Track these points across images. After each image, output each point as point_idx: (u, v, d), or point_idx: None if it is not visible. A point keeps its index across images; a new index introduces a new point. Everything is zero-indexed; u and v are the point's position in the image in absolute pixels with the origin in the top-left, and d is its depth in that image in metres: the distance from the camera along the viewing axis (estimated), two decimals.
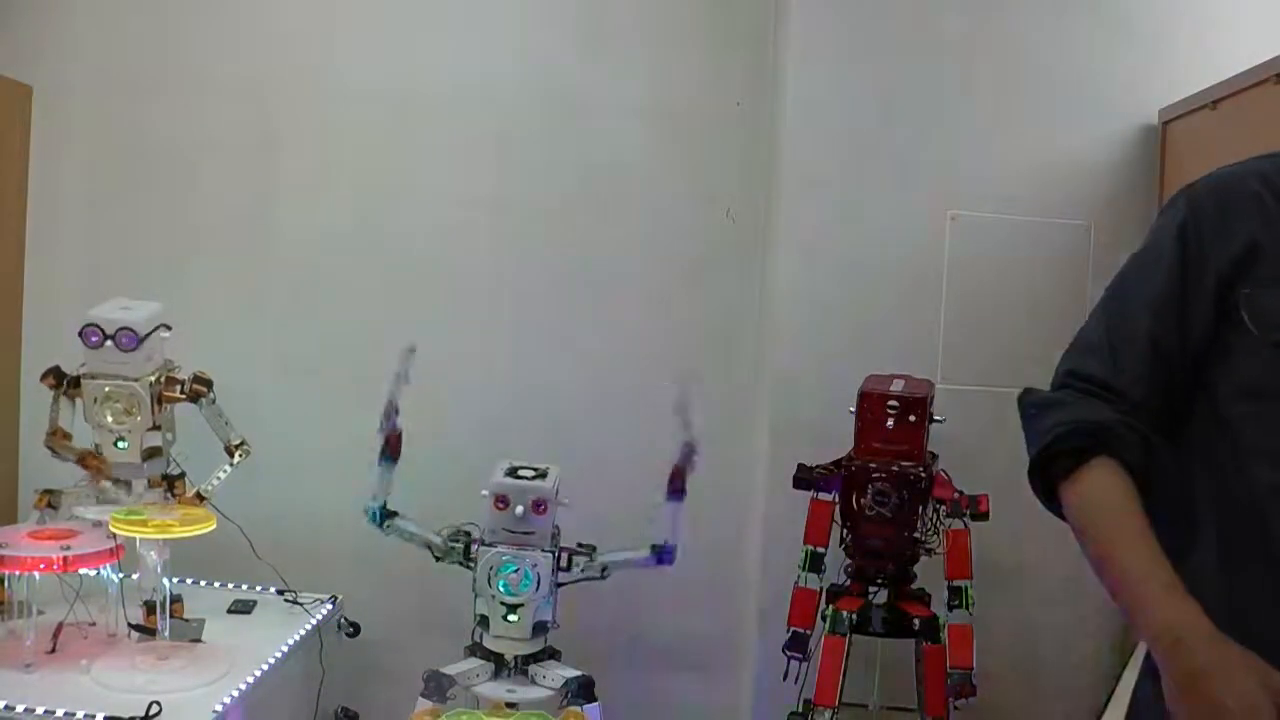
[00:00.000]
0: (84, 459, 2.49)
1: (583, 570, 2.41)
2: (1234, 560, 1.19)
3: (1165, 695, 1.10)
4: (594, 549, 2.44)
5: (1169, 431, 1.27)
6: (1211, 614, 1.11)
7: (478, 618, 2.41)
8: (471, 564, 2.41)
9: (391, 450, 2.43)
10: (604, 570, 2.41)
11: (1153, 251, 1.31)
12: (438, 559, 2.44)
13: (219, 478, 2.58)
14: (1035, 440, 1.28)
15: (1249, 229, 1.21)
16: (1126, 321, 1.29)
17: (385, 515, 2.44)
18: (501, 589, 2.34)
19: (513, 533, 2.36)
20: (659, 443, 2.90)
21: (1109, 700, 1.38)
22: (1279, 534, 1.14)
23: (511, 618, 2.35)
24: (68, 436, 2.51)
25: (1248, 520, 1.17)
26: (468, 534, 2.43)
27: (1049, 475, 1.27)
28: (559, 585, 2.43)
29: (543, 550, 2.36)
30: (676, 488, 2.38)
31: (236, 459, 2.60)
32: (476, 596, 2.39)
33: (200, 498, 2.53)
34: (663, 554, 2.40)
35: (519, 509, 2.34)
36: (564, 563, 2.41)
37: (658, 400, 2.95)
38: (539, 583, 2.34)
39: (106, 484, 2.50)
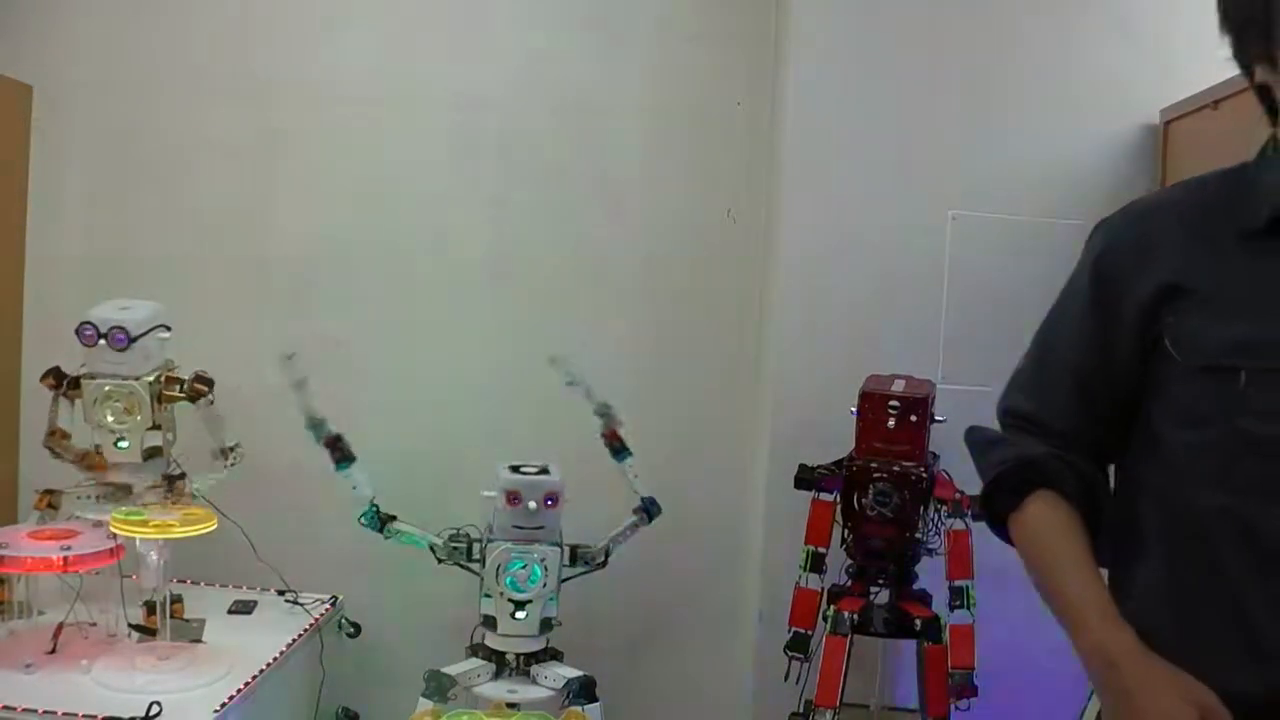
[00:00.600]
0: (83, 459, 2.49)
1: (587, 562, 2.43)
2: (1180, 578, 1.21)
3: (1102, 711, 1.17)
4: (593, 546, 2.46)
5: (1110, 457, 1.33)
6: (1160, 630, 1.17)
7: (482, 618, 2.41)
8: (473, 565, 2.41)
9: (340, 455, 2.45)
10: (606, 554, 2.43)
11: (1074, 286, 1.36)
12: (440, 561, 2.44)
13: (212, 479, 2.58)
14: (983, 477, 1.35)
15: (1166, 259, 1.23)
16: (1052, 358, 1.35)
17: (382, 519, 2.44)
18: (509, 585, 2.34)
19: (522, 529, 2.37)
20: (660, 442, 2.91)
21: (1082, 715, 1.44)
22: (1223, 555, 1.15)
23: (519, 615, 2.36)
24: (66, 436, 2.51)
25: (1192, 541, 1.19)
26: (468, 536, 2.43)
27: (996, 511, 1.33)
28: (562, 580, 2.44)
29: (551, 545, 2.37)
30: (619, 447, 2.54)
31: (230, 462, 2.59)
32: (484, 597, 2.39)
33: (192, 496, 2.52)
34: (648, 508, 2.53)
35: (531, 504, 2.35)
36: (569, 558, 2.42)
37: (658, 400, 2.97)
38: (547, 578, 2.35)
39: (108, 482, 2.50)
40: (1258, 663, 1.13)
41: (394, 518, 2.46)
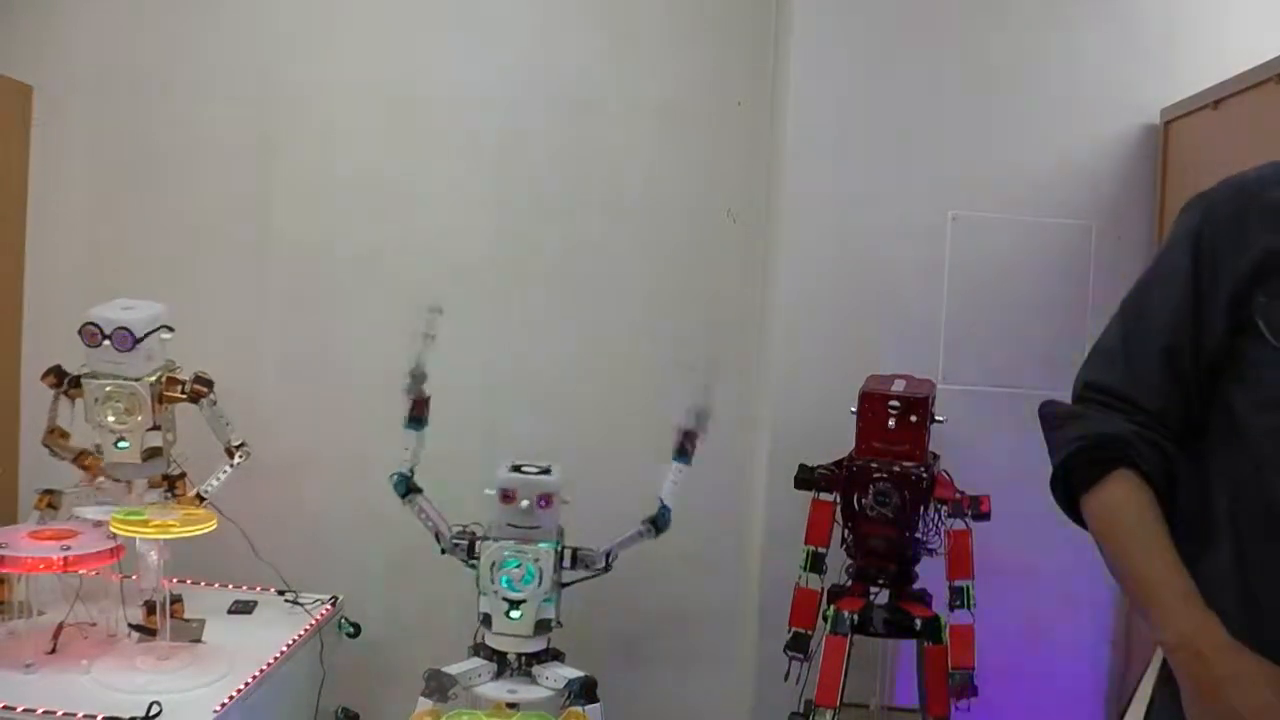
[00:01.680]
0: (79, 458, 2.49)
1: (588, 566, 2.42)
2: (1251, 567, 1.18)
3: (1183, 702, 1.13)
4: (595, 549, 2.44)
5: (1187, 440, 1.28)
6: (1227, 619, 1.13)
7: (481, 616, 2.41)
8: (474, 562, 2.41)
9: (418, 414, 2.44)
10: (608, 558, 2.42)
11: (1167, 260, 1.30)
12: (443, 550, 2.44)
13: (219, 479, 2.58)
14: (1056, 453, 1.30)
15: (1265, 238, 1.20)
16: (1141, 332, 1.29)
17: (410, 488, 2.43)
18: (504, 584, 2.34)
19: (517, 527, 2.36)
20: (660, 442, 2.91)
21: (1129, 704, 1.38)
22: None
23: (514, 614, 2.35)
24: (65, 435, 2.52)
25: (1267, 529, 1.17)
26: (472, 533, 2.43)
27: (1070, 487, 1.28)
28: (564, 585, 2.43)
29: (546, 546, 2.36)
30: (685, 450, 2.43)
31: (237, 460, 2.60)
32: (480, 595, 2.39)
33: (200, 498, 2.53)
34: (657, 522, 2.42)
35: (525, 503, 2.35)
36: (568, 561, 2.41)
37: (658, 400, 2.97)
38: (541, 578, 2.34)
39: (105, 483, 2.50)
40: None
41: (420, 491, 2.44)
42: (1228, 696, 1.07)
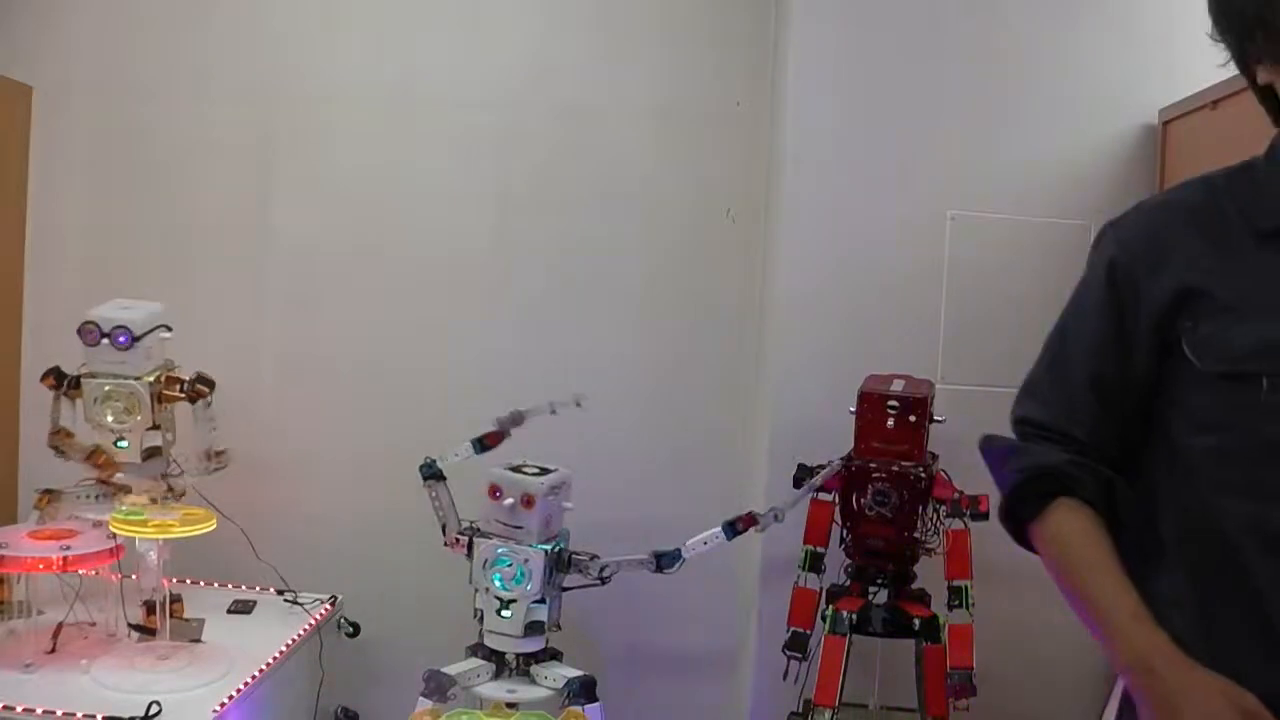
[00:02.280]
0: (91, 456, 2.49)
1: (582, 573, 2.41)
2: (1203, 585, 1.20)
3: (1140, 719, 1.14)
4: (594, 557, 2.43)
5: (1125, 463, 1.30)
6: (1182, 637, 1.14)
7: (477, 614, 2.41)
8: (472, 557, 2.41)
9: (491, 442, 2.51)
10: (603, 572, 2.41)
11: (1085, 292, 1.32)
12: (445, 544, 2.44)
13: (192, 475, 2.57)
14: (1000, 486, 1.33)
15: (1180, 262, 1.21)
16: (1067, 364, 1.32)
17: (434, 474, 2.45)
18: (495, 582, 2.35)
19: (502, 524, 2.37)
20: (660, 442, 2.91)
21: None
22: (1249, 562, 1.14)
23: (505, 613, 2.35)
24: (70, 435, 2.52)
25: (1216, 549, 1.17)
26: (475, 528, 2.43)
27: (1018, 520, 1.31)
28: (564, 589, 2.43)
29: (536, 548, 2.36)
30: (736, 529, 2.34)
31: (215, 465, 2.59)
32: (476, 590, 2.39)
33: (170, 490, 2.52)
34: (662, 560, 2.38)
35: (508, 501, 2.35)
36: (564, 565, 2.40)
37: (658, 400, 2.97)
38: (530, 580, 2.34)
39: (119, 477, 2.50)
40: None
41: (444, 479, 2.46)
42: (1181, 710, 1.07)
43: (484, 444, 2.50)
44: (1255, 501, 1.13)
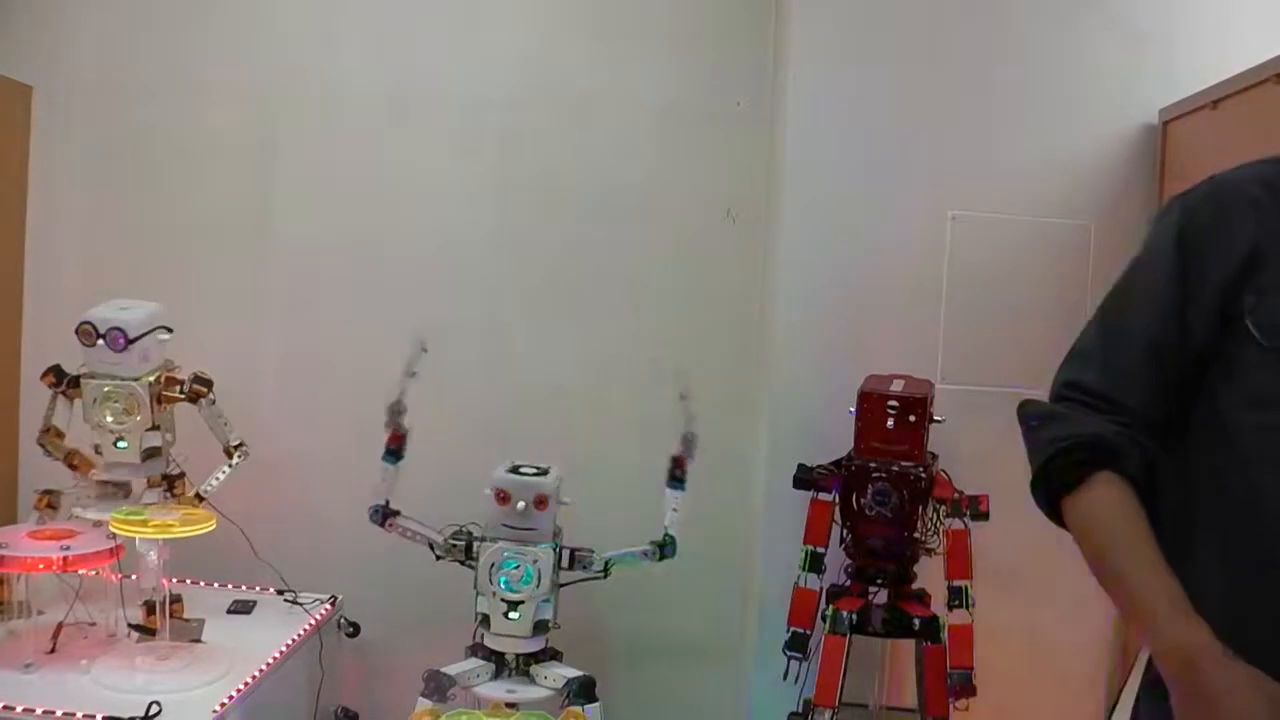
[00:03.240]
0: (69, 458, 2.49)
1: (585, 568, 2.42)
2: (1236, 567, 1.18)
3: (1174, 710, 1.11)
4: (593, 552, 2.44)
5: (1168, 440, 1.26)
6: (1210, 619, 1.11)
7: (479, 617, 2.41)
8: (472, 563, 2.41)
9: (394, 447, 2.45)
10: (606, 566, 2.42)
11: (1150, 259, 1.29)
12: (438, 558, 2.44)
13: (218, 479, 2.58)
14: (1036, 454, 1.28)
15: (1249, 236, 1.19)
16: (1125, 331, 1.27)
17: (386, 514, 2.44)
18: (502, 585, 2.35)
19: (513, 529, 2.36)
20: (659, 442, 2.91)
21: (1113, 709, 1.37)
22: None
23: (513, 615, 2.35)
24: (60, 435, 2.52)
25: (1253, 528, 1.16)
26: (469, 533, 2.43)
27: (1051, 489, 1.26)
28: (561, 585, 2.43)
29: (544, 547, 2.36)
30: (678, 476, 2.45)
31: (235, 460, 2.60)
32: (478, 595, 2.39)
33: (199, 498, 2.54)
34: (663, 549, 2.43)
35: (520, 504, 2.35)
36: (566, 562, 2.41)
37: (657, 400, 2.97)
38: (539, 579, 2.34)
39: (94, 473, 2.50)
40: None
41: (397, 513, 2.45)
42: (1220, 706, 1.05)
43: (394, 451, 2.46)
44: None
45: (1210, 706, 1.06)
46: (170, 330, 2.52)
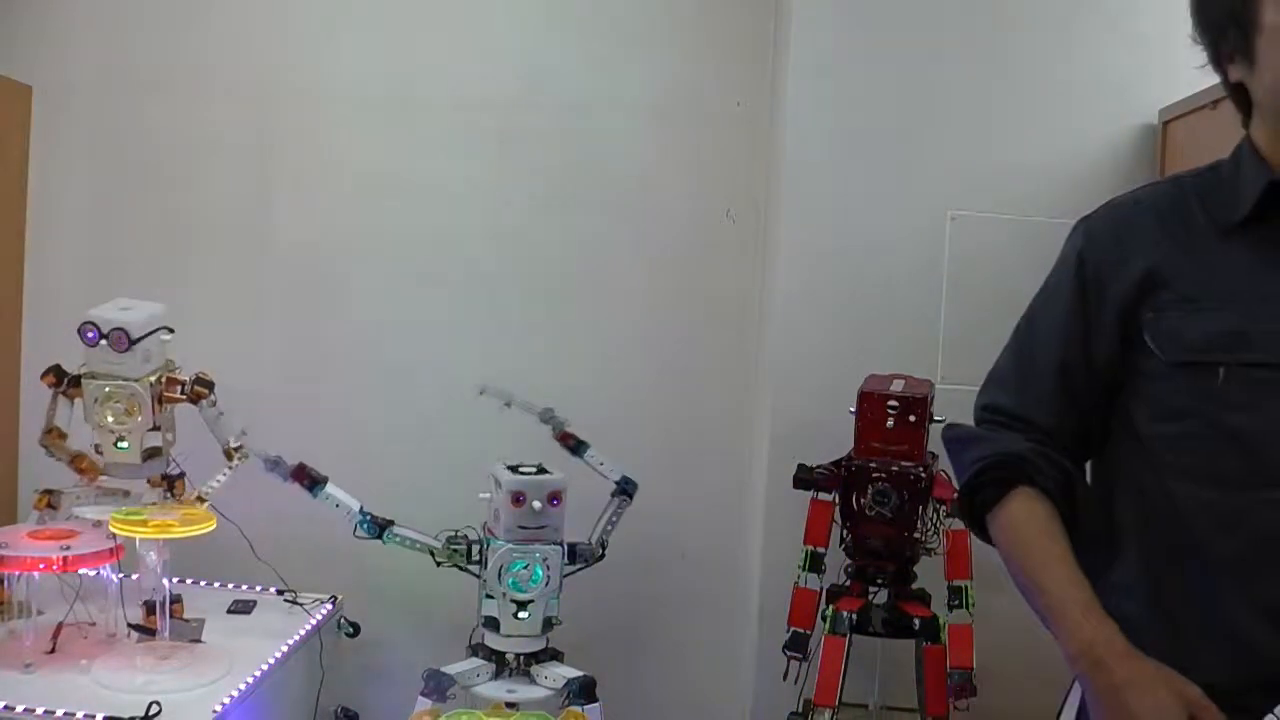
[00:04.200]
0: (75, 460, 2.49)
1: (587, 561, 2.43)
2: (1157, 573, 1.22)
3: (1090, 711, 1.16)
4: (588, 543, 2.48)
5: (1086, 455, 1.33)
6: (1139, 627, 1.16)
7: (483, 619, 2.41)
8: (472, 567, 2.41)
9: (309, 481, 2.45)
10: (602, 545, 2.47)
11: (1054, 282, 1.35)
12: (438, 564, 2.44)
13: (219, 480, 2.58)
14: (959, 475, 1.35)
15: (1145, 255, 1.24)
16: (1034, 353, 1.34)
17: (379, 525, 2.44)
18: (511, 586, 2.35)
19: (526, 529, 2.37)
20: (659, 442, 2.91)
21: (1060, 711, 1.42)
22: (1205, 547, 1.17)
23: (522, 615, 2.36)
24: (63, 436, 2.51)
25: (1175, 536, 1.20)
26: (466, 538, 2.43)
27: (974, 508, 1.33)
28: (563, 577, 2.44)
29: (553, 544, 2.37)
30: (575, 444, 2.63)
31: (235, 462, 2.59)
32: (485, 598, 2.39)
33: (200, 499, 2.53)
34: (624, 488, 2.58)
35: (536, 503, 2.35)
36: (568, 557, 2.42)
37: (658, 400, 2.97)
38: (549, 577, 2.35)
39: (104, 481, 2.50)
40: (1238, 653, 1.14)
41: (391, 522, 2.45)
42: (1126, 700, 1.09)
43: (311, 484, 2.46)
44: (1213, 488, 1.16)
45: (1118, 701, 1.11)
46: (171, 330, 2.52)
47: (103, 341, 2.41)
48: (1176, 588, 1.20)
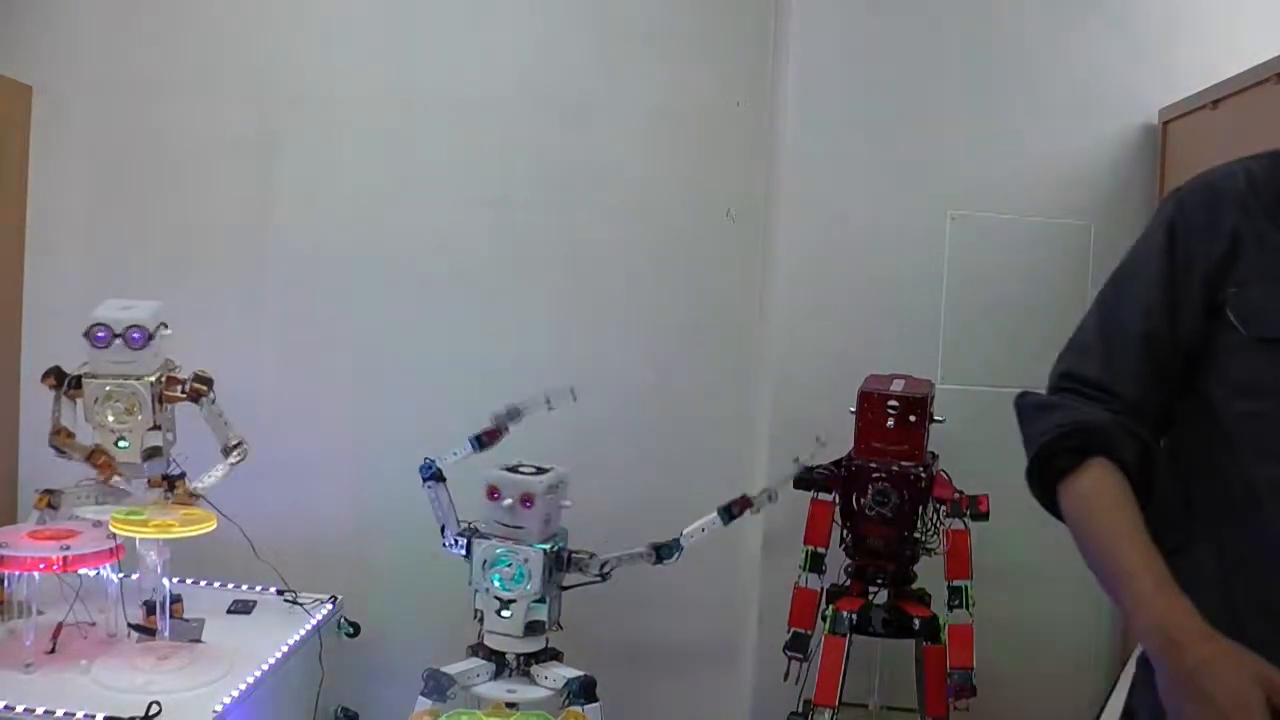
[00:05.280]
0: (92, 456, 2.48)
1: (582, 570, 2.41)
2: (1231, 556, 1.20)
3: (1159, 691, 1.12)
4: (592, 555, 2.43)
5: (1164, 429, 1.30)
6: (1207, 610, 1.12)
7: (477, 614, 2.41)
8: (471, 558, 2.41)
9: (487, 438, 2.50)
10: (604, 568, 2.41)
11: (1143, 251, 1.33)
12: (445, 545, 2.44)
13: (214, 476, 2.57)
14: (1032, 442, 1.30)
15: (1234, 229, 1.23)
16: (1120, 322, 1.31)
17: (435, 475, 2.45)
18: (495, 583, 2.35)
19: (505, 525, 2.36)
20: (659, 442, 2.91)
21: (1110, 693, 1.39)
22: (1277, 526, 1.15)
23: (505, 613, 2.35)
24: (72, 435, 2.51)
25: (1247, 517, 1.18)
26: (474, 529, 2.43)
27: (1046, 477, 1.28)
28: (564, 588, 2.43)
29: (536, 548, 2.36)
30: (733, 513, 2.39)
31: (233, 459, 2.59)
32: (474, 591, 2.39)
33: (193, 495, 2.52)
34: (661, 551, 2.40)
35: (507, 501, 2.35)
36: (563, 564, 2.40)
37: (658, 400, 2.97)
38: (530, 580, 2.34)
39: (117, 480, 2.50)
40: None
41: (444, 480, 2.46)
42: (1201, 682, 1.06)
43: (482, 442, 2.50)
44: None
45: (1193, 682, 1.07)
46: (167, 327, 2.52)
47: (116, 341, 2.41)
48: (1247, 568, 1.18)
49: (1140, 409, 1.27)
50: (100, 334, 2.41)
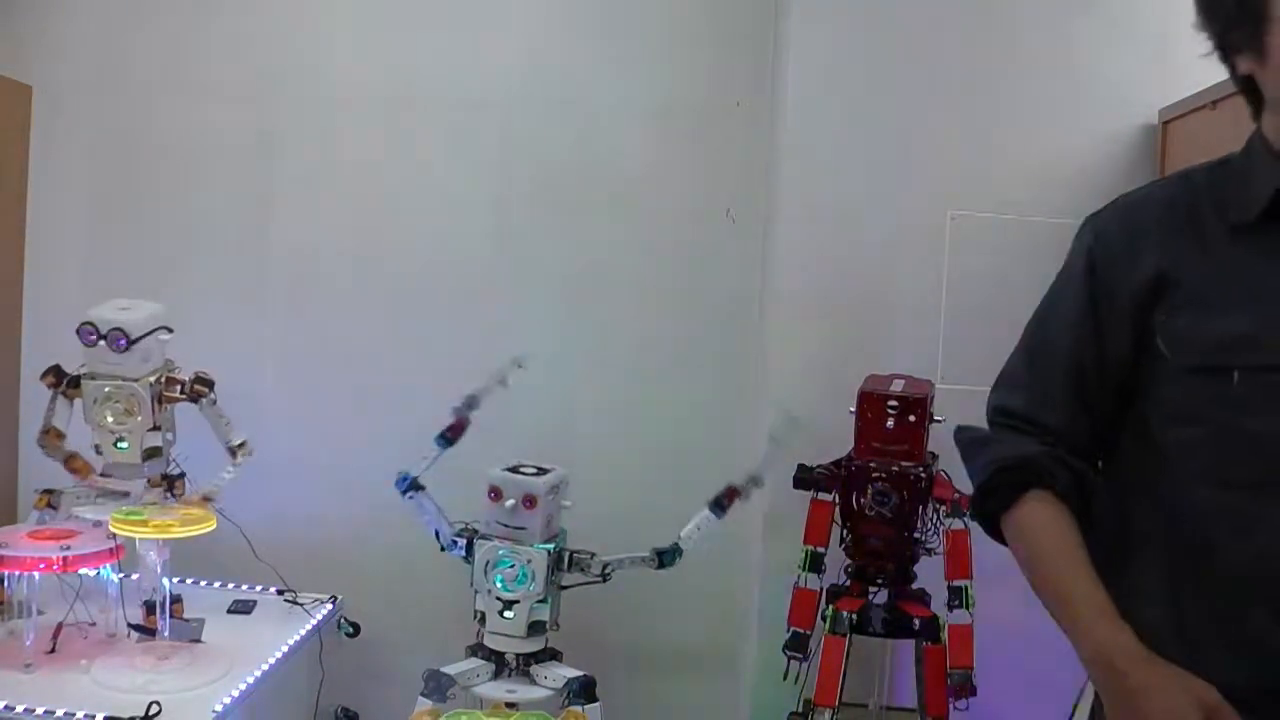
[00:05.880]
0: (69, 460, 2.49)
1: (583, 571, 2.41)
2: (1174, 577, 1.21)
3: (1106, 715, 1.15)
4: (594, 555, 2.43)
5: (1098, 457, 1.31)
6: (1156, 631, 1.15)
7: (478, 615, 2.41)
8: (472, 559, 2.41)
9: (451, 433, 2.47)
10: (605, 570, 2.41)
11: (1063, 282, 1.34)
12: (442, 548, 2.44)
13: (224, 478, 2.57)
14: (973, 478, 1.34)
15: (1156, 255, 1.22)
16: (1044, 354, 1.33)
17: (412, 485, 2.44)
18: (498, 584, 2.35)
19: (506, 526, 2.36)
20: (659, 442, 2.91)
21: (1073, 713, 1.42)
22: (1223, 551, 1.15)
23: (507, 614, 2.35)
24: (60, 436, 2.51)
25: (1190, 540, 1.19)
26: (475, 530, 2.43)
27: (988, 510, 1.32)
28: (563, 588, 2.43)
29: (538, 548, 2.36)
30: (723, 504, 2.40)
31: (238, 459, 2.60)
32: (475, 592, 2.39)
33: (207, 499, 2.52)
34: (663, 556, 2.40)
35: (509, 502, 2.35)
36: (564, 564, 2.41)
37: (658, 400, 2.97)
38: (533, 580, 2.34)
39: (103, 481, 2.50)
40: (1256, 659, 1.13)
41: (423, 488, 2.44)
42: (1141, 705, 1.09)
43: (448, 438, 2.47)
44: (1228, 491, 1.15)
45: (1134, 706, 1.09)
46: (170, 330, 2.52)
47: (101, 342, 2.41)
48: (1193, 592, 1.18)
49: (1071, 438, 1.28)
50: (88, 333, 2.41)
